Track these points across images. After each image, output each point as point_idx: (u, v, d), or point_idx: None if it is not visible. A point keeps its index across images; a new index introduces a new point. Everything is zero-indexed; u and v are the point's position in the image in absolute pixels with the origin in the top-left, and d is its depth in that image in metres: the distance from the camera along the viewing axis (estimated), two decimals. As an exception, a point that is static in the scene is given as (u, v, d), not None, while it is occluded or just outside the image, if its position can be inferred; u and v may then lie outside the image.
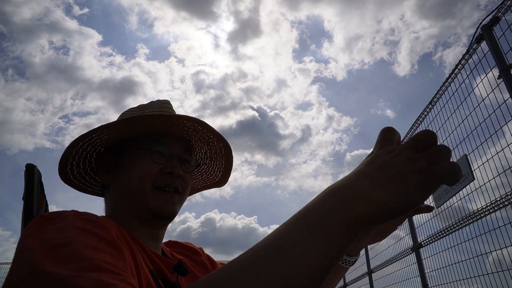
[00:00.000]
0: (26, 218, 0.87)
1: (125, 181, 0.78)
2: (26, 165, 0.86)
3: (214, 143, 0.89)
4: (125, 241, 0.63)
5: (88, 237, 0.53)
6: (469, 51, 2.51)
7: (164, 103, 0.87)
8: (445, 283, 2.93)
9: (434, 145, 0.40)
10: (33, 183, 0.86)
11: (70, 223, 0.55)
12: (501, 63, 2.15)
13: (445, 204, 2.89)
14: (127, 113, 0.88)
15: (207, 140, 0.88)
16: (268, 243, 0.40)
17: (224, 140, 0.87)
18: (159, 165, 0.77)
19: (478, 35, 2.35)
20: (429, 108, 3.17)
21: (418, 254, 3.48)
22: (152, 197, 0.76)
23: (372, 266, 4.96)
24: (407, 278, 3.79)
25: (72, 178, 0.87)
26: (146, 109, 0.87)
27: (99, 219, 0.61)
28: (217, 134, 0.85)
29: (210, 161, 0.96)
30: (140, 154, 0.78)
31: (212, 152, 0.92)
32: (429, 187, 0.38)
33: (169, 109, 0.86)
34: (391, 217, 0.38)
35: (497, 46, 2.21)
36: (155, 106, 0.87)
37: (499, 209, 2.24)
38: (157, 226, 0.80)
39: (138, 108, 0.89)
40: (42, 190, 0.92)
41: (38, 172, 0.88)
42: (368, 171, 0.41)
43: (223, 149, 0.91)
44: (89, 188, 0.92)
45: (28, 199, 0.85)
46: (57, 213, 0.60)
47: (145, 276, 0.63)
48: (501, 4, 2.15)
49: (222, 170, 0.97)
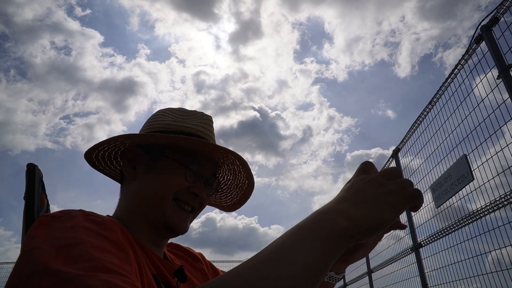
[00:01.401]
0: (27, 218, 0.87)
1: (150, 185, 0.78)
2: (27, 165, 0.87)
3: (241, 179, 0.91)
4: (130, 244, 0.63)
5: (96, 238, 0.53)
6: (468, 52, 2.51)
7: (207, 120, 0.88)
8: (444, 283, 2.93)
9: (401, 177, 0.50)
10: (34, 183, 0.87)
11: (78, 223, 0.55)
12: (500, 63, 2.16)
13: (444, 204, 2.89)
14: (169, 114, 0.87)
15: (235, 172, 0.89)
16: (271, 248, 0.45)
17: (252, 180, 0.90)
18: (188, 183, 0.78)
19: (477, 36, 2.36)
20: (428, 108, 3.18)
21: (417, 254, 3.48)
22: (170, 211, 0.76)
23: (372, 266, 4.97)
24: (407, 278, 3.79)
25: (94, 160, 0.86)
26: (189, 118, 0.86)
27: (105, 220, 0.61)
28: (250, 173, 0.87)
29: (227, 189, 0.96)
30: (175, 166, 0.78)
31: (233, 183, 0.94)
32: (399, 207, 0.46)
33: (210, 128, 0.87)
34: (369, 232, 0.46)
35: (497, 46, 2.21)
36: (199, 119, 0.87)
37: (499, 209, 2.25)
38: (165, 237, 0.81)
39: (180, 113, 0.88)
40: (43, 189, 0.92)
41: (39, 172, 0.89)
42: (347, 196, 0.49)
43: (245, 186, 0.92)
44: (107, 171, 0.91)
45: (29, 198, 0.86)
46: (64, 212, 0.60)
47: (148, 280, 0.63)
48: (500, 4, 2.16)
49: (234, 201, 0.98)
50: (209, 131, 0.86)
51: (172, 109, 0.90)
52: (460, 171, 2.62)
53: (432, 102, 3.10)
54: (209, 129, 0.86)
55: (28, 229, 0.92)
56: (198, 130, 0.83)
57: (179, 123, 0.84)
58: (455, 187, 2.69)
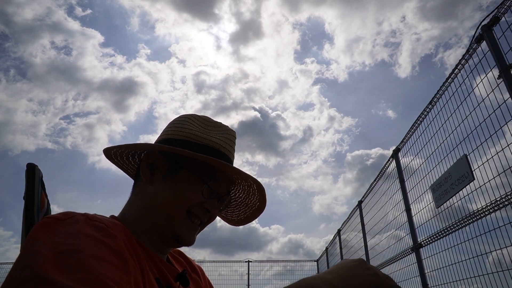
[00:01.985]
0: (27, 218, 0.87)
1: (166, 194, 0.77)
2: (27, 165, 0.87)
3: (253, 200, 0.91)
4: (133, 249, 0.63)
5: (96, 246, 0.53)
6: (469, 51, 2.51)
7: (231, 136, 0.87)
8: (445, 283, 2.93)
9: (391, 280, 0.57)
10: (34, 183, 0.87)
11: (80, 229, 0.55)
12: (501, 63, 2.15)
13: (445, 204, 2.89)
14: (194, 122, 0.86)
15: (248, 193, 0.90)
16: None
17: (265, 204, 0.90)
18: (203, 198, 0.78)
19: (478, 35, 2.36)
20: (429, 108, 3.17)
21: (418, 254, 3.48)
22: (181, 224, 0.76)
23: (372, 266, 4.96)
24: (407, 278, 3.79)
25: (113, 158, 0.87)
26: (213, 130, 0.86)
27: (109, 226, 0.60)
28: (264, 198, 0.88)
29: (237, 205, 0.96)
30: (194, 179, 0.78)
31: (244, 202, 0.94)
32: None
33: (233, 144, 0.87)
34: None
35: (497, 46, 2.21)
36: (223, 133, 0.86)
37: (499, 209, 2.25)
38: (171, 246, 0.81)
39: (205, 123, 0.87)
40: (43, 189, 0.92)
41: (39, 172, 0.89)
42: (334, 270, 0.57)
43: (255, 207, 0.92)
44: (122, 165, 0.91)
45: (29, 198, 0.86)
46: (68, 215, 0.59)
47: (150, 285, 0.63)
48: (501, 4, 2.15)
49: (240, 218, 0.98)
50: (232, 147, 0.86)
51: (197, 117, 0.88)
52: (460, 171, 2.62)
53: (432, 102, 3.10)
54: (232, 146, 0.86)
55: (28, 228, 0.91)
56: (222, 146, 0.83)
57: (203, 134, 0.83)
58: (455, 187, 2.69)
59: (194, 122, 0.86)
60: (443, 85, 2.89)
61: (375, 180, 4.83)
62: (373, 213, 4.92)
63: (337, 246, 7.36)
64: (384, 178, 4.53)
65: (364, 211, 5.50)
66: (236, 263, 10.12)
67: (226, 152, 0.83)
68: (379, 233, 4.68)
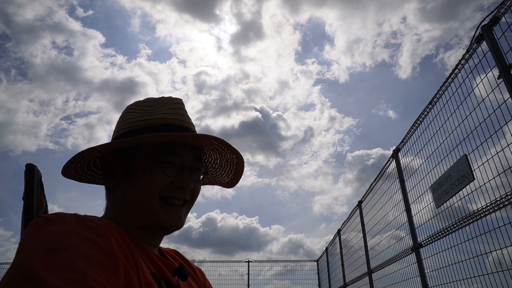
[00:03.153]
0: (26, 218, 0.87)
1: (133, 191, 0.75)
2: (26, 165, 0.87)
3: (227, 154, 0.88)
4: (126, 247, 0.63)
5: (86, 245, 0.53)
6: (469, 51, 2.51)
7: (176, 104, 0.83)
8: (445, 283, 2.92)
9: None
10: (33, 183, 0.87)
11: (70, 228, 0.55)
12: (501, 63, 2.15)
13: (445, 204, 2.89)
14: (135, 109, 0.84)
15: (219, 150, 0.87)
16: None
17: (238, 154, 0.86)
18: (170, 177, 0.75)
19: (478, 35, 2.36)
20: (429, 108, 3.17)
21: (418, 254, 3.48)
22: (159, 211, 0.74)
23: (372, 266, 4.97)
24: (407, 278, 3.79)
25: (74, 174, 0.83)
26: (156, 107, 0.82)
27: (100, 225, 0.60)
28: (233, 149, 0.84)
29: (219, 167, 0.94)
30: (151, 164, 0.75)
31: (223, 161, 0.91)
32: None
33: (181, 111, 0.83)
34: None
35: (497, 46, 2.21)
36: (166, 105, 0.83)
37: (499, 209, 2.24)
38: (162, 235, 0.80)
39: (147, 105, 0.84)
40: (42, 190, 0.92)
41: (38, 172, 0.88)
42: None
43: (235, 160, 0.89)
44: (91, 179, 0.88)
45: (28, 198, 0.86)
46: (58, 216, 0.59)
47: (146, 281, 0.63)
48: (501, 4, 2.15)
49: (230, 177, 0.96)
50: (181, 115, 0.82)
51: (138, 102, 0.86)
52: (460, 171, 2.62)
53: (432, 102, 3.10)
54: (180, 113, 0.82)
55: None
56: (168, 118, 0.79)
57: (146, 116, 0.80)
58: (455, 187, 2.68)
59: (135, 109, 0.83)
60: (443, 85, 2.89)
61: (375, 180, 4.83)
62: (373, 213, 4.92)
63: (337, 246, 7.36)
64: (384, 178, 4.52)
65: (364, 211, 5.49)
66: (236, 263, 10.12)
67: (175, 122, 0.80)
68: (379, 233, 4.68)
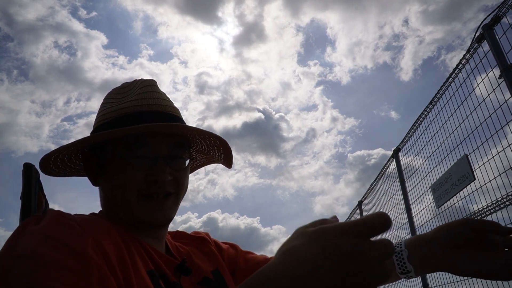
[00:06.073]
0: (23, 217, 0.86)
1: (109, 189, 0.72)
2: (24, 164, 0.86)
3: (211, 138, 0.83)
4: (114, 245, 0.60)
5: (56, 250, 0.51)
6: (470, 51, 2.50)
7: (146, 86, 0.77)
8: (445, 283, 2.92)
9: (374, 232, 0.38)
10: (30, 182, 0.86)
11: (42, 230, 0.54)
12: (502, 62, 2.14)
13: (445, 204, 2.88)
14: (110, 98, 0.79)
15: (199, 135, 0.81)
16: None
17: (215, 134, 0.79)
18: (142, 172, 0.69)
19: (479, 35, 2.35)
20: (429, 108, 3.16)
21: (418, 254, 3.46)
22: (139, 208, 0.69)
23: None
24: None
25: (56, 170, 0.81)
26: (126, 95, 0.77)
27: (82, 223, 0.58)
28: (206, 132, 0.77)
29: (207, 146, 0.87)
30: (120, 161, 0.69)
31: (207, 143, 0.86)
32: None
33: (152, 93, 0.76)
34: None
35: (498, 45, 2.20)
36: (136, 90, 0.76)
37: (500, 210, 2.24)
38: (153, 230, 0.75)
39: (117, 94, 0.79)
40: (40, 189, 0.91)
41: (36, 171, 0.88)
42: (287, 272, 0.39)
43: (218, 141, 0.83)
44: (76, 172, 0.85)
45: (26, 198, 0.85)
46: (46, 214, 0.60)
47: (139, 280, 0.60)
48: (502, 3, 2.14)
49: (222, 158, 0.90)
50: (152, 98, 0.75)
51: (113, 91, 0.81)
52: (461, 171, 2.61)
53: (432, 102, 3.09)
54: (151, 96, 0.75)
55: None
56: (136, 105, 0.73)
57: (114, 107, 0.75)
58: (456, 188, 2.68)
59: (110, 98, 0.79)
60: (443, 85, 2.88)
61: (375, 180, 4.82)
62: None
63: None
64: (384, 178, 4.52)
65: (364, 211, 5.48)
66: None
67: (145, 108, 0.73)
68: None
